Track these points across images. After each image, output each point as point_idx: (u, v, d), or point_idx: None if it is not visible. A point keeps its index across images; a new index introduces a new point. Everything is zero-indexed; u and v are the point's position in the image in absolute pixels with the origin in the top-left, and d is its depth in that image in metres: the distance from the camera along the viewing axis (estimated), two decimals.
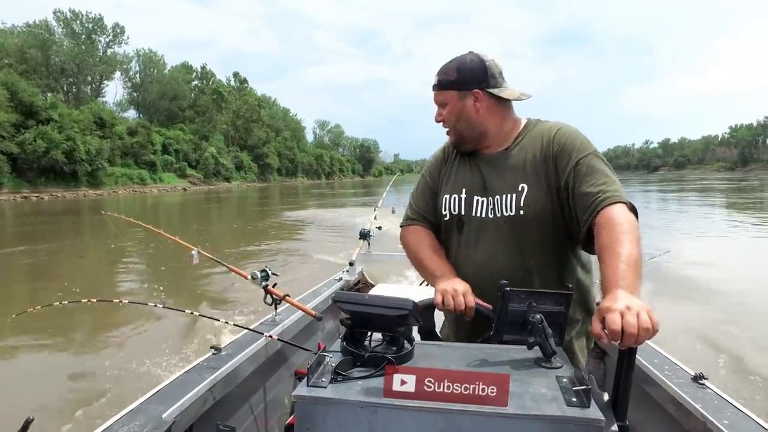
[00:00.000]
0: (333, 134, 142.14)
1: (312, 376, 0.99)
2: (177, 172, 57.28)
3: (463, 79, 1.45)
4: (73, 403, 3.70)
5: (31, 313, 2.67)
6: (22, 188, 37.32)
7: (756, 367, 4.12)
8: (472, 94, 1.46)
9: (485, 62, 1.45)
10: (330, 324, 2.91)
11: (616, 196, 1.26)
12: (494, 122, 1.48)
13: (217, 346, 1.92)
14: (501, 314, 1.17)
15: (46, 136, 37.86)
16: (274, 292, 2.23)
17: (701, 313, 5.50)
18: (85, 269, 9.70)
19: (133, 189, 47.49)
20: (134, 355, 4.55)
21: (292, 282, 6.30)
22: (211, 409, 1.68)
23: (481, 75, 1.45)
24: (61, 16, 56.22)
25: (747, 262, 8.99)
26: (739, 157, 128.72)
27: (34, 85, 42.10)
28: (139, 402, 1.49)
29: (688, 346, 4.45)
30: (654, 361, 1.77)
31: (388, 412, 0.92)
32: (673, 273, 7.17)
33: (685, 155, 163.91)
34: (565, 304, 1.16)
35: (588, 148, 1.39)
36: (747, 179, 61.92)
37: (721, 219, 16.97)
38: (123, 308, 6.01)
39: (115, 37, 61.10)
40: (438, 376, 0.91)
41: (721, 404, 1.46)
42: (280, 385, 2.28)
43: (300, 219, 19.12)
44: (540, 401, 0.92)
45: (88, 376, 4.31)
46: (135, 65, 68.03)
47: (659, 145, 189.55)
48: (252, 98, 79.19)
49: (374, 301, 1.07)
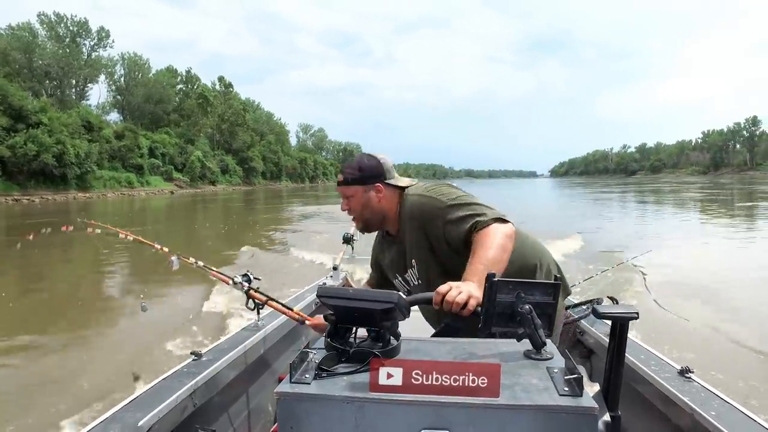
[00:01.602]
0: (316, 138, 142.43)
1: (295, 373, 0.96)
2: (163, 175, 57.46)
3: (365, 176, 1.71)
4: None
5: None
6: (13, 191, 37.47)
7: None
8: (374, 187, 1.71)
9: (379, 160, 1.73)
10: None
11: (481, 222, 1.51)
12: (390, 207, 1.73)
13: (197, 351, 1.87)
14: (489, 306, 1.12)
15: (36, 140, 38.09)
16: (256, 296, 2.14)
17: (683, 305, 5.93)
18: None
19: (121, 192, 47.70)
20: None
21: (280, 285, 6.51)
22: (191, 416, 1.63)
23: (380, 170, 1.72)
24: (45, 19, 56.04)
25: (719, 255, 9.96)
26: (711, 161, 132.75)
27: (20, 89, 42.15)
28: (114, 410, 1.42)
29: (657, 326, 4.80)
30: (641, 356, 1.78)
31: (375, 407, 0.89)
32: (654, 270, 7.46)
33: (661, 159, 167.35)
34: (554, 294, 1.13)
35: (440, 204, 1.61)
36: (718, 183, 63.11)
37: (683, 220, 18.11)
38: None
39: (100, 40, 60.99)
40: (426, 368, 0.89)
41: (708, 396, 1.46)
42: (263, 391, 2.23)
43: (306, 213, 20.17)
44: (531, 391, 0.90)
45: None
46: (120, 69, 68.05)
47: (636, 150, 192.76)
48: (237, 102, 79.53)
49: (359, 294, 1.06)
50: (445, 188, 1.68)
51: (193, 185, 60.35)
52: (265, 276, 2.72)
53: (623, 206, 25.94)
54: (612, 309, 1.13)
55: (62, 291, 8.28)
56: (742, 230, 14.38)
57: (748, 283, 7.33)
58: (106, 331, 5.79)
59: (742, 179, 76.53)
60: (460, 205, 1.58)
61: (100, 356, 4.86)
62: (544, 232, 11.41)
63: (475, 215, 1.54)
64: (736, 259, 9.81)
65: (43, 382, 4.18)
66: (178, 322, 5.52)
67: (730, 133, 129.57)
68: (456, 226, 1.56)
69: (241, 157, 76.85)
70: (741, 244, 11.73)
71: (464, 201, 1.60)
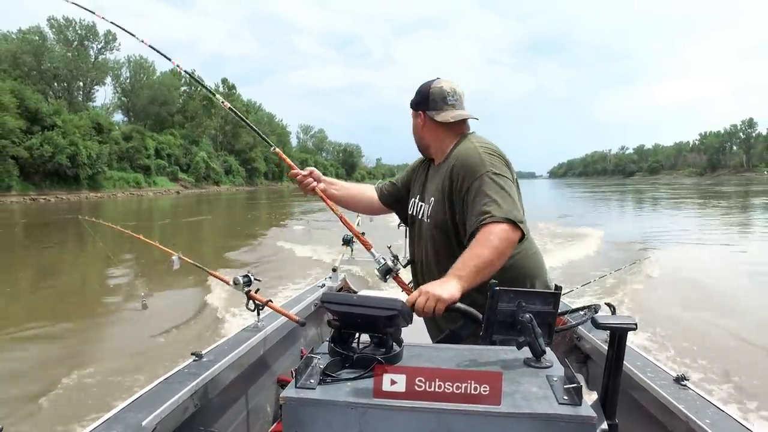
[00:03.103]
0: (316, 139, 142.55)
1: (300, 378, 0.97)
2: (169, 176, 58.93)
3: (415, 101, 1.74)
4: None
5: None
6: (29, 191, 39.14)
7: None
8: (418, 114, 1.74)
9: (430, 89, 1.70)
10: (313, 331, 2.87)
11: (494, 217, 1.44)
12: (433, 139, 1.73)
13: (198, 352, 1.87)
14: (490, 314, 1.13)
15: (51, 141, 39.82)
16: (256, 297, 2.15)
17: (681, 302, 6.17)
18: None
19: (130, 192, 49.29)
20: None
21: (279, 279, 6.70)
22: (192, 416, 1.64)
23: (424, 100, 1.70)
24: (55, 23, 57.38)
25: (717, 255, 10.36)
26: (708, 162, 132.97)
27: (34, 91, 43.68)
28: (117, 410, 1.43)
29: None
30: (637, 363, 1.78)
31: (379, 413, 0.90)
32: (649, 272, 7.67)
33: (659, 161, 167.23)
34: (554, 303, 1.13)
35: (479, 171, 1.54)
36: (715, 184, 62.93)
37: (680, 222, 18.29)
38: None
39: (107, 43, 62.26)
40: (429, 375, 0.90)
41: (703, 404, 1.47)
42: (262, 392, 2.23)
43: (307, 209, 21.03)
44: (531, 400, 0.91)
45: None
46: (125, 71, 69.31)
47: (634, 151, 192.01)
48: (240, 104, 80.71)
49: (363, 301, 1.07)
50: (498, 160, 1.59)
51: (197, 185, 61.73)
52: (267, 270, 3.06)
53: (622, 206, 26.56)
54: (611, 320, 1.15)
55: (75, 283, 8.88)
56: (741, 230, 14.63)
57: (748, 281, 7.62)
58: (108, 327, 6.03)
59: (739, 180, 77.21)
60: (491, 185, 1.52)
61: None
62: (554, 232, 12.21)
63: (491, 207, 1.48)
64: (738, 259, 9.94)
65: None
66: (179, 320, 5.74)
67: (726, 135, 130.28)
68: (472, 203, 1.53)
69: (243, 158, 78.04)
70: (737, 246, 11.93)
71: (498, 184, 1.52)
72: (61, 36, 57.98)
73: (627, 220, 20.78)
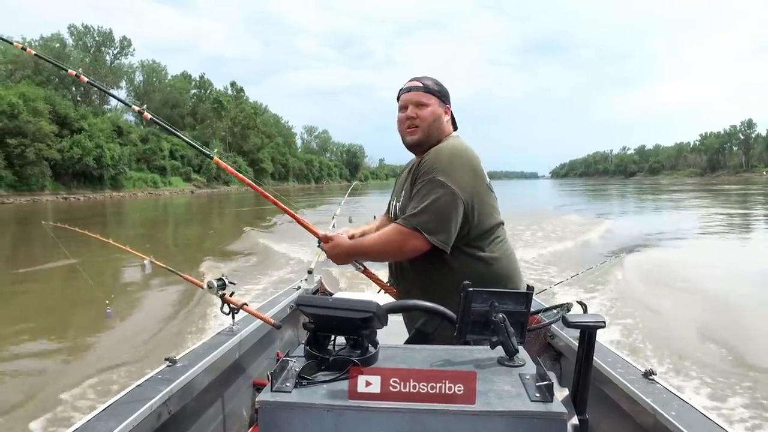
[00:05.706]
0: (320, 140, 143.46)
1: (276, 381, 0.97)
2: (183, 176, 61.60)
3: (444, 93, 1.76)
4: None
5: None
6: (60, 190, 42.22)
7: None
8: (446, 107, 1.77)
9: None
10: (289, 333, 2.87)
11: (408, 222, 1.59)
12: (440, 134, 1.75)
13: (171, 357, 1.82)
14: (464, 314, 1.13)
15: (80, 144, 43.03)
16: (231, 301, 2.11)
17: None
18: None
19: (149, 192, 51.98)
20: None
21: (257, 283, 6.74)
22: (166, 423, 1.59)
23: (447, 95, 1.77)
24: (74, 30, 60.21)
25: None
26: (708, 163, 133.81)
27: (63, 97, 46.79)
28: (86, 419, 1.36)
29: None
30: (608, 359, 1.81)
31: (355, 414, 0.90)
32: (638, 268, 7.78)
33: (659, 161, 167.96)
34: (526, 303, 1.15)
35: (430, 172, 1.60)
36: (713, 185, 62.52)
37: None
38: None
39: (122, 49, 64.86)
40: (404, 376, 0.90)
41: (669, 397, 1.52)
42: (238, 396, 2.21)
43: None
44: (505, 398, 0.92)
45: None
46: (138, 75, 71.85)
47: (636, 152, 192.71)
48: (248, 106, 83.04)
49: (338, 303, 1.06)
50: (458, 168, 1.62)
51: (209, 185, 64.23)
52: (268, 264, 3.01)
53: (622, 207, 27.20)
54: (581, 318, 1.19)
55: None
56: (740, 231, 14.66)
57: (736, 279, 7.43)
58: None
59: (738, 181, 76.89)
60: (429, 190, 1.59)
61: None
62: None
63: (414, 211, 1.59)
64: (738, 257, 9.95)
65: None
66: (149, 326, 5.48)
67: (726, 136, 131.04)
68: (414, 198, 1.64)
69: (251, 158, 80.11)
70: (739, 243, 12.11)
71: (434, 192, 1.58)
72: (80, 42, 60.77)
73: (635, 214, 20.93)
